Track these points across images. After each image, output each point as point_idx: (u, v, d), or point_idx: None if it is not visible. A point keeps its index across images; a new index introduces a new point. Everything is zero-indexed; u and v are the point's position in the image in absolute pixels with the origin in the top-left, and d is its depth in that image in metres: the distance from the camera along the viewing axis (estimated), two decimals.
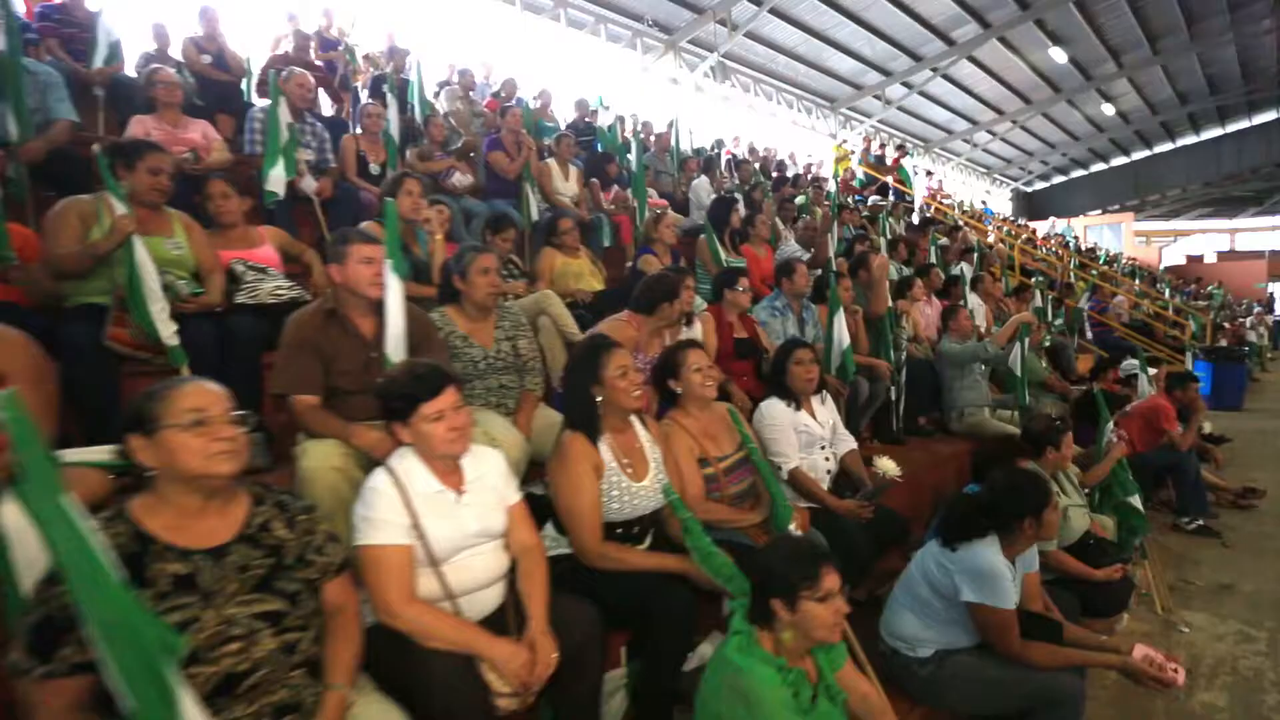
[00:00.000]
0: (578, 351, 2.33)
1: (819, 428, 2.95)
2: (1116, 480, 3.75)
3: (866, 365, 4.23)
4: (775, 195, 7.26)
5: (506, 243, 4.17)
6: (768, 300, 4.06)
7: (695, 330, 3.50)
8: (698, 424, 2.56)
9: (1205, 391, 9.51)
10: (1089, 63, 18.50)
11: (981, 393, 4.78)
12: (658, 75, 14.60)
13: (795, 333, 4.02)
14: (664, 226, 4.47)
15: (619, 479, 2.19)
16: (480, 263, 2.68)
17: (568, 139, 5.43)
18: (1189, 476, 4.84)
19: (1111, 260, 17.40)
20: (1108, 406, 4.59)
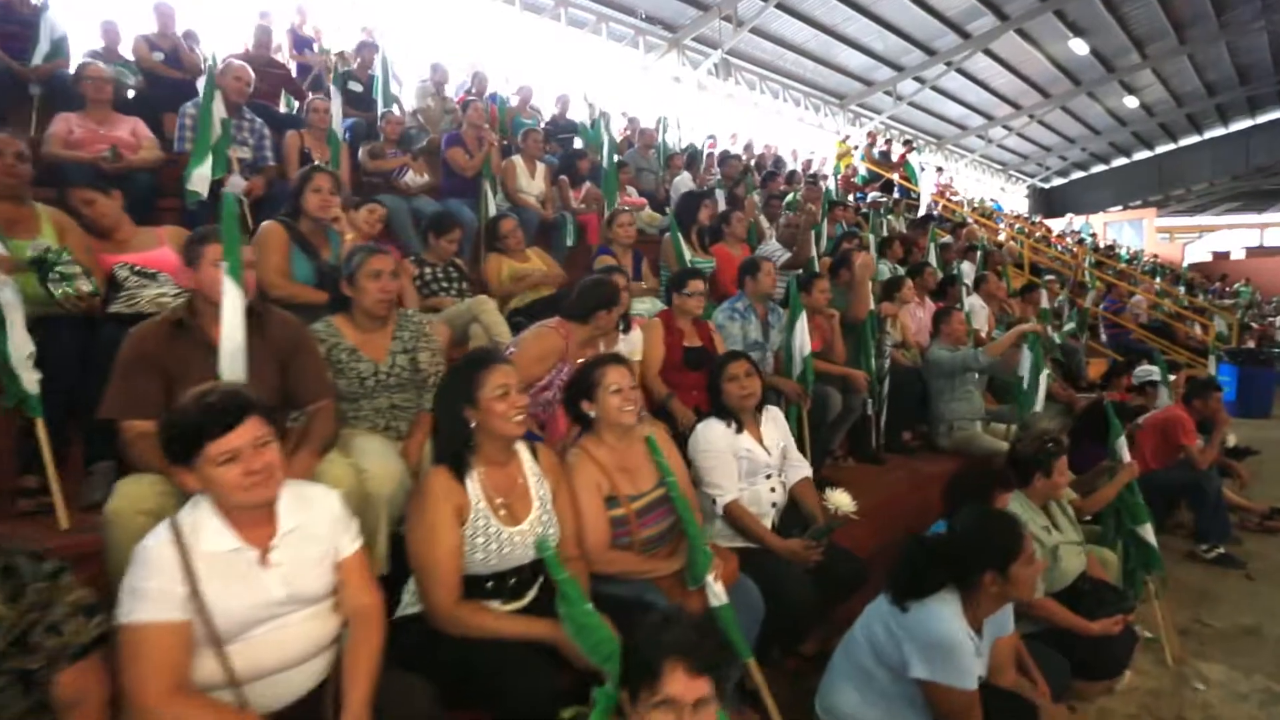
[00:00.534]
0: (451, 368, 1.93)
1: (764, 453, 2.52)
2: (1125, 507, 3.26)
3: (840, 375, 3.78)
4: (762, 191, 6.79)
5: (452, 244, 3.80)
6: (729, 302, 3.63)
7: (633, 338, 3.10)
8: (613, 455, 2.15)
9: (1230, 397, 8.85)
10: (1111, 54, 17.65)
11: (973, 405, 4.30)
12: (660, 74, 14.16)
13: (758, 338, 3.59)
14: (620, 226, 4.06)
15: (487, 523, 1.78)
16: (370, 265, 2.30)
17: (535, 135, 5.04)
18: (1209, 497, 4.30)
19: (1132, 257, 16.58)
20: (1125, 415, 4.09)
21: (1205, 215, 27.54)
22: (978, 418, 4.31)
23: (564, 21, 12.47)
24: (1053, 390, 4.98)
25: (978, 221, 12.53)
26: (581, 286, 2.76)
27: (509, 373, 1.84)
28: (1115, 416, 3.44)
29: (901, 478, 3.88)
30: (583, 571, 1.94)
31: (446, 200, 4.71)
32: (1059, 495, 2.65)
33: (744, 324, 3.55)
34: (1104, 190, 26.36)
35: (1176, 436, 4.37)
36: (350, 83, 5.48)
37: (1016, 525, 1.84)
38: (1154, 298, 10.55)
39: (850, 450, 4.18)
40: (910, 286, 4.69)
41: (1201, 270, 19.77)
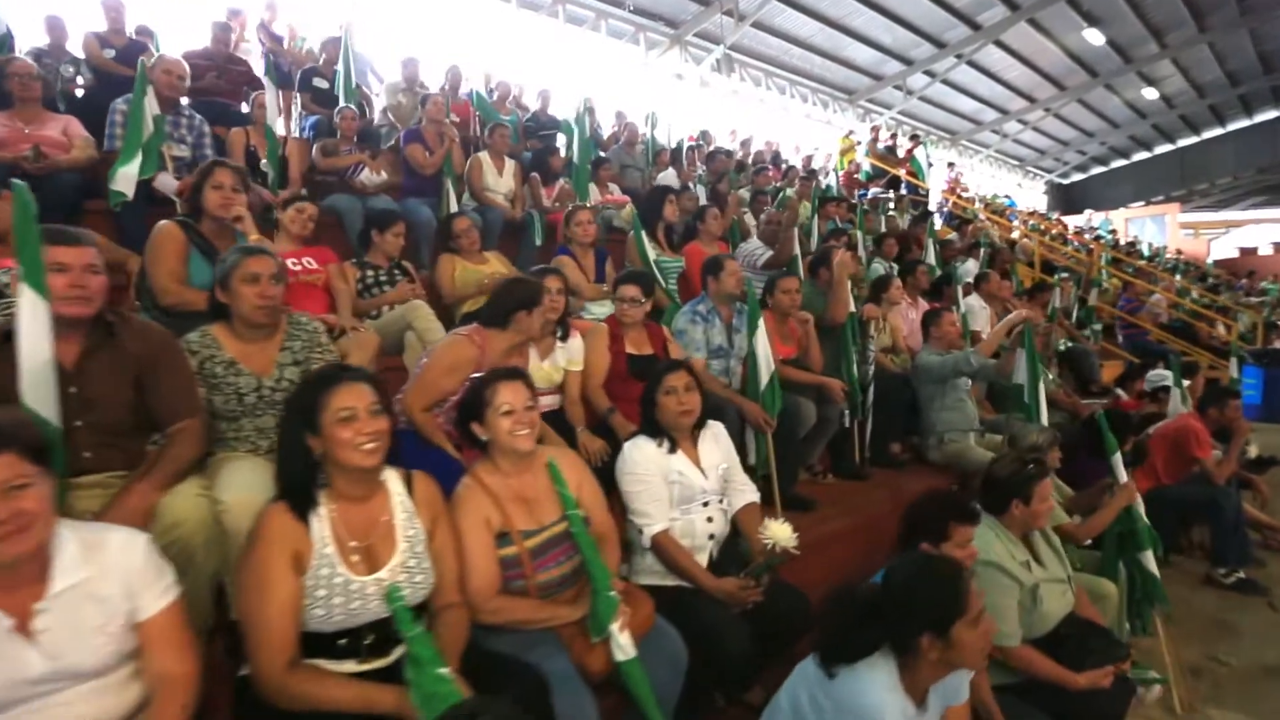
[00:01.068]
0: (294, 389, 1.65)
1: (699, 476, 2.21)
2: (1124, 532, 2.91)
3: (815, 384, 3.45)
4: (750, 188, 6.44)
5: (396, 241, 3.53)
6: (689, 305, 3.32)
7: (573, 346, 2.80)
8: (509, 485, 1.86)
9: (1254, 400, 8.36)
10: (1128, 44, 17.01)
11: (966, 414, 3.94)
12: (662, 71, 13.85)
13: (721, 343, 3.27)
14: (578, 224, 3.76)
15: (333, 571, 1.50)
16: (245, 268, 2.02)
17: (502, 130, 4.76)
18: (1227, 515, 3.91)
19: (1153, 254, 15.96)
20: (1127, 427, 3.72)
21: (1230, 210, 26.61)
22: (971, 428, 3.96)
23: (562, 19, 12.21)
24: (1055, 396, 4.61)
25: (989, 218, 12.08)
26: (497, 287, 2.48)
27: (360, 393, 1.55)
28: (1110, 430, 3.08)
29: (883, 496, 3.54)
30: (458, 623, 1.65)
31: (406, 200, 4.45)
32: (1041, 524, 2.31)
33: (706, 328, 3.24)
34: (1124, 185, 25.55)
35: (1190, 448, 3.99)
36: (315, 79, 5.25)
37: (959, 579, 1.51)
38: (1173, 296, 10.02)
39: (832, 465, 3.85)
40: (898, 286, 4.34)
41: (1227, 266, 19.01)
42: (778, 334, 3.57)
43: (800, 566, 2.90)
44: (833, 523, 3.13)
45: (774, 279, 3.58)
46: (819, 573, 2.86)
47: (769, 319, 3.56)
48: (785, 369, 3.46)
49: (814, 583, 2.67)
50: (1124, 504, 2.82)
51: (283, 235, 3.20)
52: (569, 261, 3.71)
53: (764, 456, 3.12)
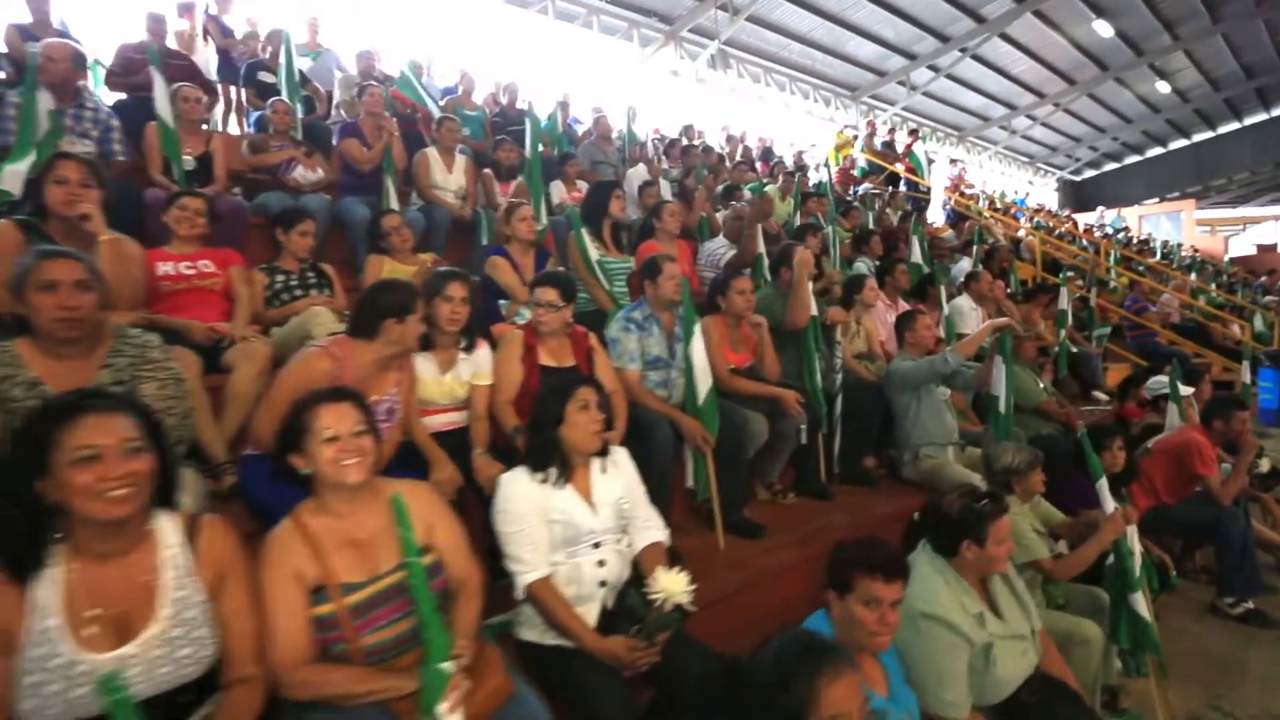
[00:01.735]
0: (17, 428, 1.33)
1: (588, 514, 1.87)
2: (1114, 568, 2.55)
3: (768, 397, 3.10)
4: (715, 180, 6.07)
5: (304, 239, 3.23)
6: (624, 311, 2.98)
7: (479, 357, 2.48)
8: (338, 527, 1.54)
9: (1271, 405, 7.88)
10: (1139, 36, 16.48)
11: (944, 426, 3.57)
12: (658, 68, 13.53)
13: (660, 354, 2.93)
14: (519, 220, 3.44)
15: (52, 650, 1.18)
16: (40, 274, 1.71)
17: (450, 123, 4.44)
18: (1234, 539, 3.50)
19: (1166, 251, 15.38)
20: (1126, 441, 3.34)
21: (1248, 206, 25.84)
22: (950, 442, 3.59)
23: (552, 15, 11.91)
24: (1046, 407, 4.22)
25: (992, 215, 11.63)
26: (362, 294, 2.16)
27: (109, 428, 1.24)
28: (1094, 451, 2.71)
29: (846, 520, 3.18)
30: (245, 702, 1.33)
31: (344, 198, 4.15)
32: (999, 569, 1.95)
33: (642, 337, 2.90)
34: (1139, 182, 24.88)
35: (1192, 465, 3.59)
36: (261, 73, 4.97)
37: (817, 667, 1.17)
38: (1185, 297, 9.53)
39: (796, 484, 3.49)
40: (873, 287, 3.98)
41: (1245, 264, 18.35)
42: (728, 341, 3.24)
43: (738, 604, 2.59)
44: (781, 553, 2.78)
45: (726, 279, 3.24)
46: (759, 612, 2.52)
47: (720, 324, 3.23)
48: (735, 380, 3.12)
49: (752, 623, 2.33)
50: (1111, 537, 2.46)
51: (175, 237, 2.90)
52: (502, 263, 3.39)
53: (703, 479, 2.78)
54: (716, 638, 2.39)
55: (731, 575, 2.62)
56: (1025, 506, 2.75)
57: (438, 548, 1.64)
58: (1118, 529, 2.46)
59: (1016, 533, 2.59)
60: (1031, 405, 4.19)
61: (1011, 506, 2.68)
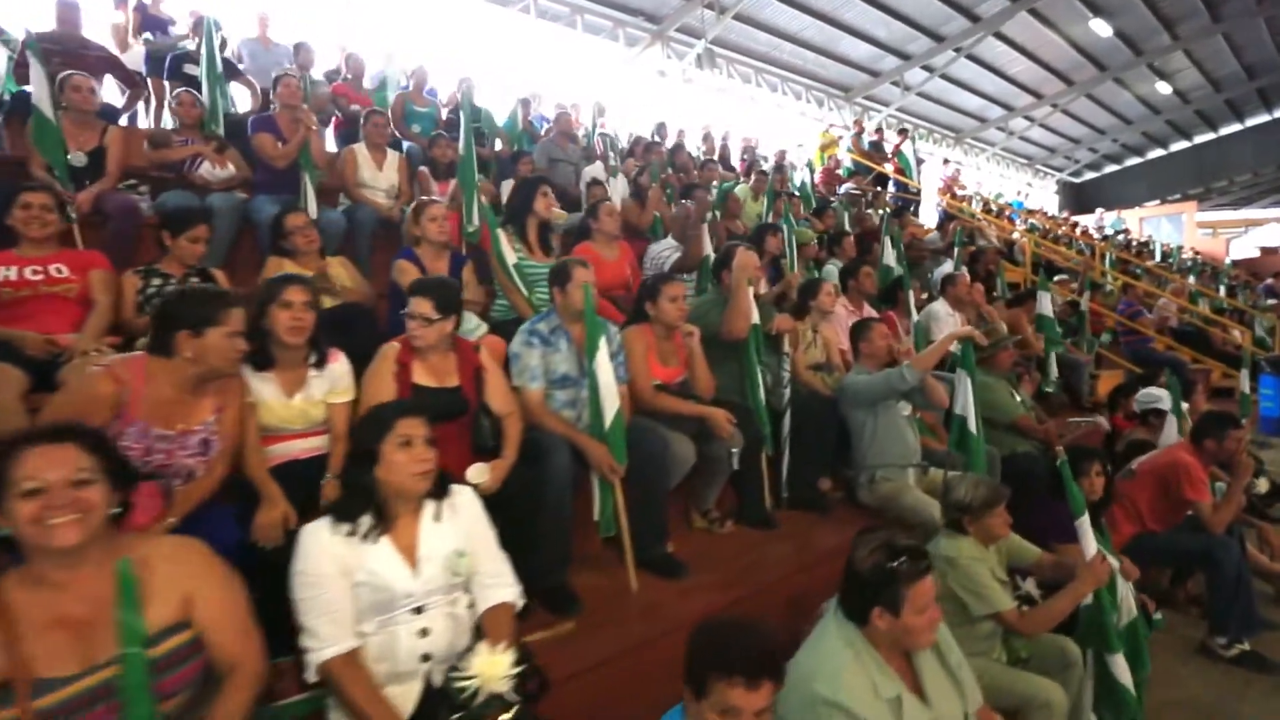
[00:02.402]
0: None
1: (405, 573, 1.50)
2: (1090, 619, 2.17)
3: (694, 416, 2.73)
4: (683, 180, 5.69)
5: (195, 245, 2.88)
6: (529, 323, 2.61)
7: (334, 372, 2.12)
8: (47, 603, 1.18)
9: (1272, 413, 7.45)
10: (1138, 35, 16.04)
11: (904, 445, 3.19)
12: (645, 69, 13.18)
13: (568, 371, 2.56)
14: (428, 220, 3.08)
15: None
16: None
17: (378, 117, 4.09)
18: (1226, 572, 3.11)
19: (1165, 254, 14.91)
20: (1109, 461, 2.97)
21: (1251, 208, 25.28)
22: (910, 463, 3.20)
23: (533, 14, 11.57)
24: (1024, 423, 3.83)
25: (985, 217, 11.22)
26: (160, 303, 1.81)
27: (55, 459, 1.11)
28: (1074, 480, 2.33)
29: (787, 553, 2.81)
30: None
31: (258, 196, 3.81)
32: (919, 643, 1.57)
33: (546, 353, 2.53)
34: (1139, 184, 24.36)
35: (1180, 488, 3.20)
36: (187, 65, 4.64)
37: None
38: (1183, 301, 9.09)
39: (738, 511, 3.10)
40: (830, 292, 3.60)
41: (1248, 266, 17.84)
42: (657, 353, 2.87)
43: (645, 659, 2.20)
44: (702, 596, 2.40)
45: (655, 283, 2.87)
46: (667, 669, 2.14)
47: (647, 334, 2.86)
48: (659, 397, 2.75)
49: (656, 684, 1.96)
50: (1089, 589, 2.08)
51: (25, 239, 2.56)
52: (409, 267, 3.03)
53: (610, 512, 2.41)
54: (618, 702, 2.04)
55: (638, 624, 2.25)
56: (989, 550, 2.37)
57: (198, 623, 1.29)
58: (1097, 578, 2.08)
59: (973, 581, 2.23)
60: (1007, 420, 3.79)
61: (966, 549, 2.33)
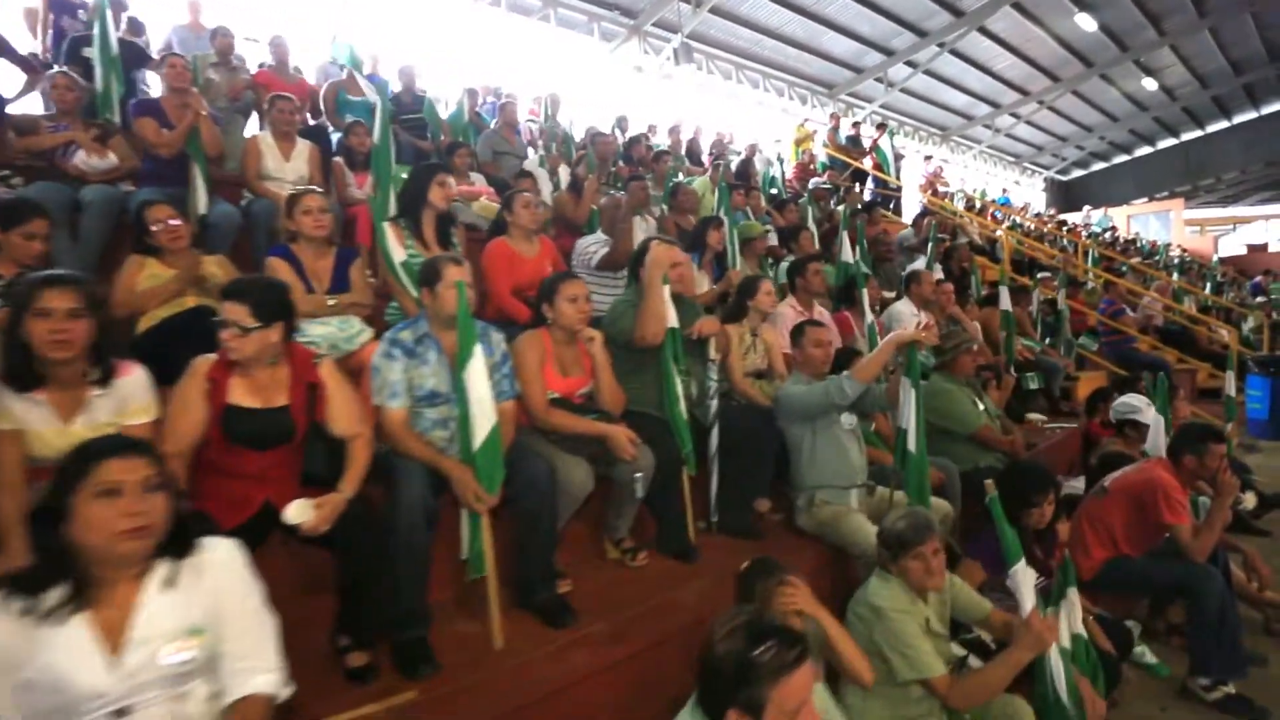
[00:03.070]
0: None
1: (99, 665, 1.10)
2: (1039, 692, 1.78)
3: (592, 435, 2.34)
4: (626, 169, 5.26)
5: (30, 242, 2.48)
6: (392, 331, 2.21)
7: (125, 389, 1.73)
8: None
9: (1261, 415, 7.08)
10: (1124, 31, 15.64)
11: (846, 464, 2.79)
12: (621, 64, 12.77)
13: (437, 386, 2.15)
14: (302, 214, 2.67)
15: None
16: None
17: (284, 103, 3.68)
18: (1208, 604, 2.71)
19: (1152, 251, 14.55)
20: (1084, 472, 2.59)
21: (1238, 206, 24.98)
22: (853, 484, 2.81)
23: (504, 7, 11.15)
24: (985, 435, 3.44)
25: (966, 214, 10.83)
26: None
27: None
28: (1024, 510, 1.95)
29: (705, 591, 2.40)
30: None
31: (143, 188, 3.41)
32: None
33: (410, 365, 2.13)
34: (1127, 182, 24.00)
35: (1157, 511, 2.81)
36: (85, 49, 4.23)
37: None
38: (1167, 300, 8.71)
39: (658, 539, 2.71)
40: (768, 290, 3.20)
41: (1235, 264, 17.49)
42: (555, 362, 2.47)
43: None
44: (582, 653, 2.00)
45: (554, 282, 2.48)
46: None
47: (543, 341, 2.47)
48: (552, 413, 2.36)
49: None
50: (1029, 656, 1.69)
51: None
52: (280, 265, 2.62)
53: (478, 551, 2.02)
54: None
55: (500, 691, 1.84)
56: (929, 601, 1.98)
57: None
58: (1038, 642, 1.69)
59: (898, 638, 1.84)
60: (966, 432, 3.41)
61: (895, 597, 1.94)
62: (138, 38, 4.97)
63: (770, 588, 1.81)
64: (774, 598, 1.79)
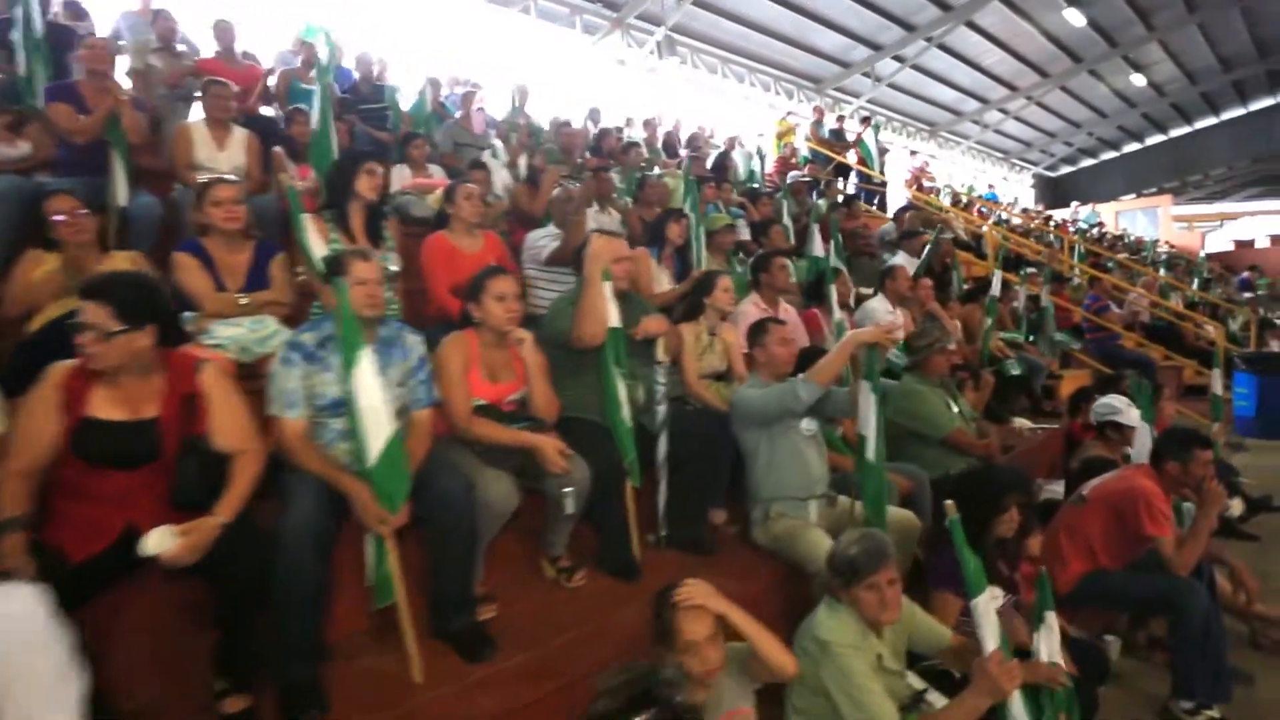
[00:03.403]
0: None
1: None
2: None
3: (519, 447, 2.12)
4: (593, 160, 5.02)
5: None
6: (293, 334, 1.99)
7: None
8: None
9: (1248, 413, 6.91)
10: (1113, 26, 15.49)
11: (805, 474, 2.59)
12: (605, 57, 12.53)
13: (339, 395, 1.94)
14: (211, 205, 2.44)
15: None
16: None
17: (219, 88, 3.45)
18: (1192, 621, 2.52)
19: (1139, 247, 14.42)
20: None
21: (1226, 202, 24.91)
22: (812, 495, 2.60)
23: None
24: (956, 439, 3.24)
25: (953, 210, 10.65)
26: None
27: None
28: (991, 519, 1.75)
29: (642, 611, 2.16)
30: None
31: (62, 176, 3.16)
32: None
33: (312, 371, 1.90)
34: (1116, 178, 23.91)
35: (1138, 522, 2.61)
36: (12, 32, 3.96)
37: None
38: (1153, 296, 8.55)
39: (599, 554, 2.49)
40: (725, 287, 2.98)
41: (1222, 260, 17.39)
42: (483, 366, 2.26)
43: None
44: (494, 694, 1.79)
45: (480, 279, 2.26)
46: None
47: (470, 343, 2.25)
48: (475, 423, 2.14)
49: None
50: (985, 703, 1.49)
51: None
52: (187, 261, 2.40)
53: (384, 576, 1.80)
54: None
55: None
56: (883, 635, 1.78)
57: None
58: (994, 689, 1.49)
59: (846, 678, 1.64)
60: (939, 435, 3.20)
61: (844, 631, 1.73)
62: (79, 22, 4.70)
63: (669, 608, 1.63)
64: (677, 620, 1.61)
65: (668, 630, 1.61)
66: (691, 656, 1.57)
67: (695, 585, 1.68)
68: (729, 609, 1.67)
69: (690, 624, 1.59)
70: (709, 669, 1.56)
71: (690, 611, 1.61)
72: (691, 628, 1.58)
